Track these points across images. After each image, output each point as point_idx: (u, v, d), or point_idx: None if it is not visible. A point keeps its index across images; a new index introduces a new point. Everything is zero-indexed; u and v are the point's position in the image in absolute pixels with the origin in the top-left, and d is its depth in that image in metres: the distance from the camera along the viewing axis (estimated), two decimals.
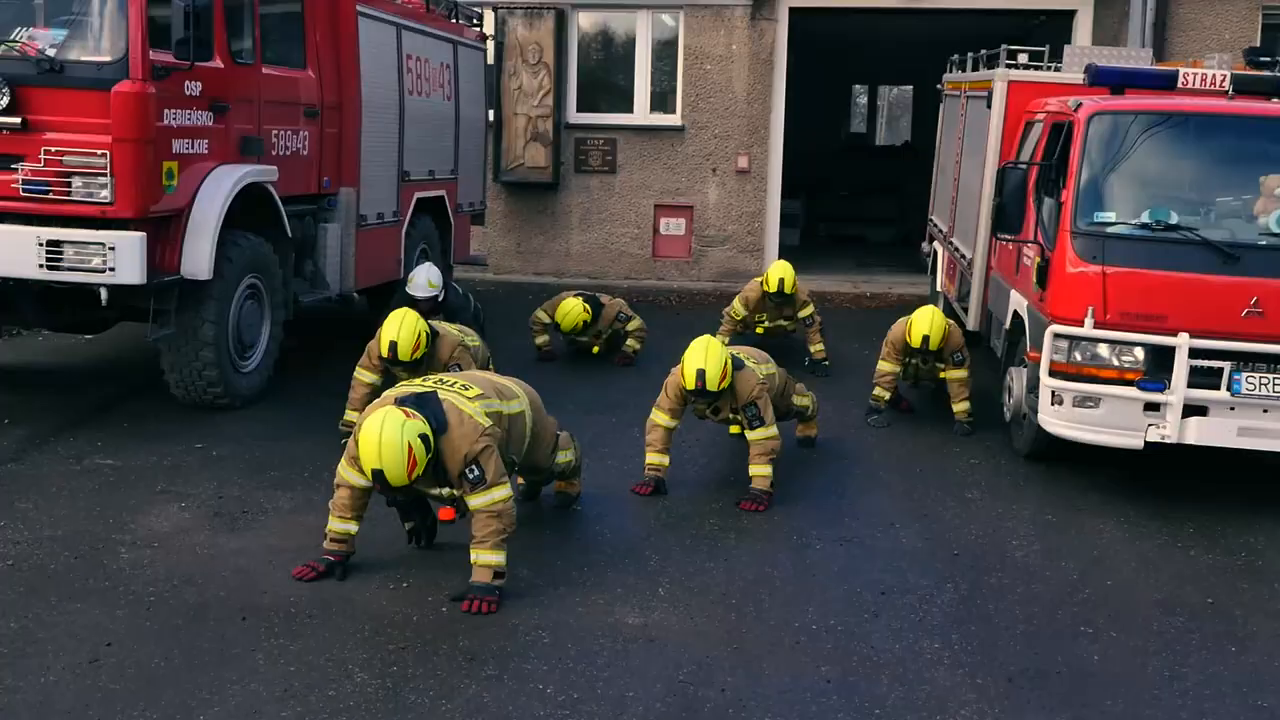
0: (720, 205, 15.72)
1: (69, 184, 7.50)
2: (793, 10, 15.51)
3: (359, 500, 5.64)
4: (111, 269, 7.47)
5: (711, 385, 6.88)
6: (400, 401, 5.40)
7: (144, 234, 7.57)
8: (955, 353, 8.75)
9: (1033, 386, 7.83)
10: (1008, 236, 7.97)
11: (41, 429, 7.89)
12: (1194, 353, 7.10)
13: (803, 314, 10.48)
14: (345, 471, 5.57)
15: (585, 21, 16.00)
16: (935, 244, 12.71)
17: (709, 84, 15.59)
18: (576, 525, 6.61)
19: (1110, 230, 7.44)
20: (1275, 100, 8.07)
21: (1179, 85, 8.19)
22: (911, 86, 25.54)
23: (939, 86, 13.39)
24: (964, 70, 13.18)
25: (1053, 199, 7.79)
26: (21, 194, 7.51)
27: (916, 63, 23.35)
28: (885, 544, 6.58)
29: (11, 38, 7.53)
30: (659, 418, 7.17)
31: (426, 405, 5.40)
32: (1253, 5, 14.81)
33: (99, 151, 7.44)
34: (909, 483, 7.68)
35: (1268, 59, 9.27)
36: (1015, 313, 8.57)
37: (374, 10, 10.33)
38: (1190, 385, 7.12)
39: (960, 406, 8.83)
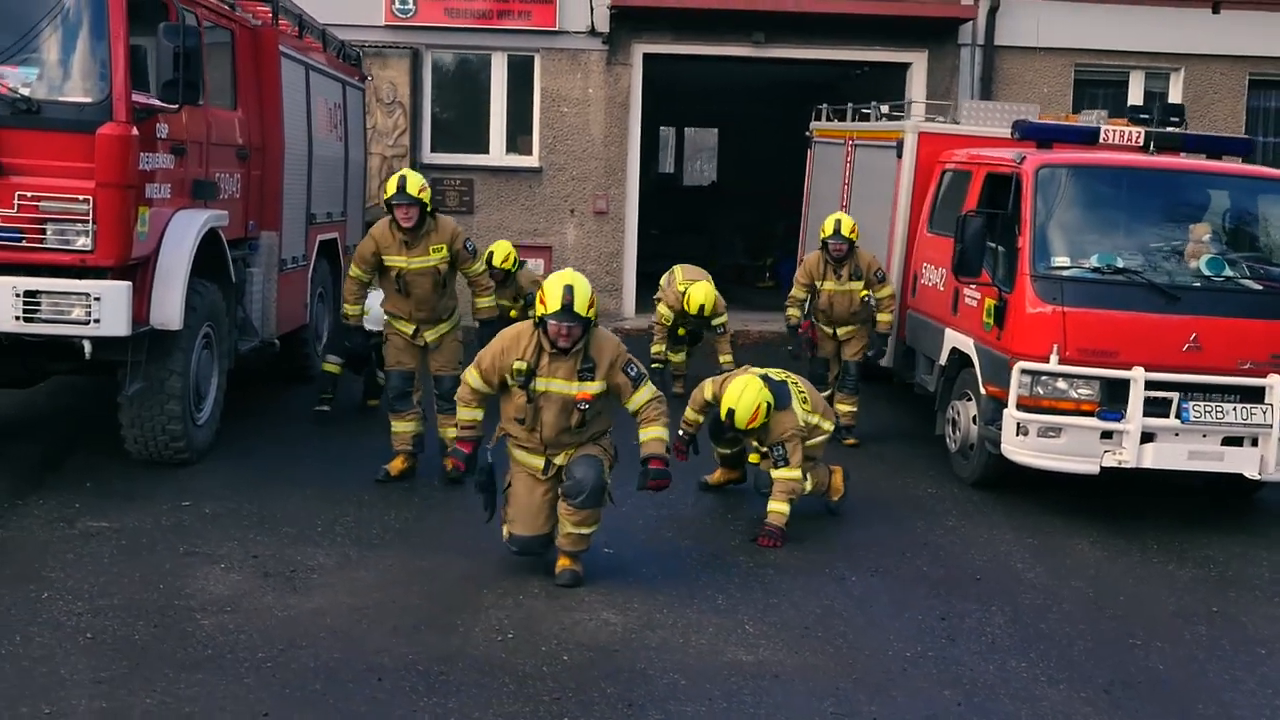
0: (579, 246, 15.93)
1: (43, 231, 7.07)
2: (646, 56, 15.93)
3: (483, 396, 6.47)
4: (96, 320, 7.06)
5: (740, 424, 7.30)
6: None
7: (129, 283, 7.21)
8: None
9: (989, 418, 8.40)
10: (970, 280, 8.52)
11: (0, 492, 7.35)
12: (1148, 384, 7.81)
13: (716, 323, 10.92)
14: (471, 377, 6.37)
15: (440, 62, 15.95)
16: None
17: (566, 126, 15.80)
18: (622, 569, 6.68)
19: (1066, 274, 8.10)
20: (1189, 156, 8.97)
21: (1100, 140, 8.97)
22: (716, 129, 26.42)
23: (807, 134, 14.01)
24: (820, 120, 13.93)
25: (1007, 245, 8.40)
26: None
27: (724, 106, 24.32)
28: (910, 572, 6.95)
29: None
30: (704, 392, 7.81)
31: None
32: (1066, 63, 16.18)
33: (80, 197, 7.04)
34: (887, 513, 8.09)
35: (1146, 115, 10.21)
36: (955, 349, 9.16)
37: (290, 50, 10.11)
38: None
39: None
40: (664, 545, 7.17)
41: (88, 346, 7.16)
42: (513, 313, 10.93)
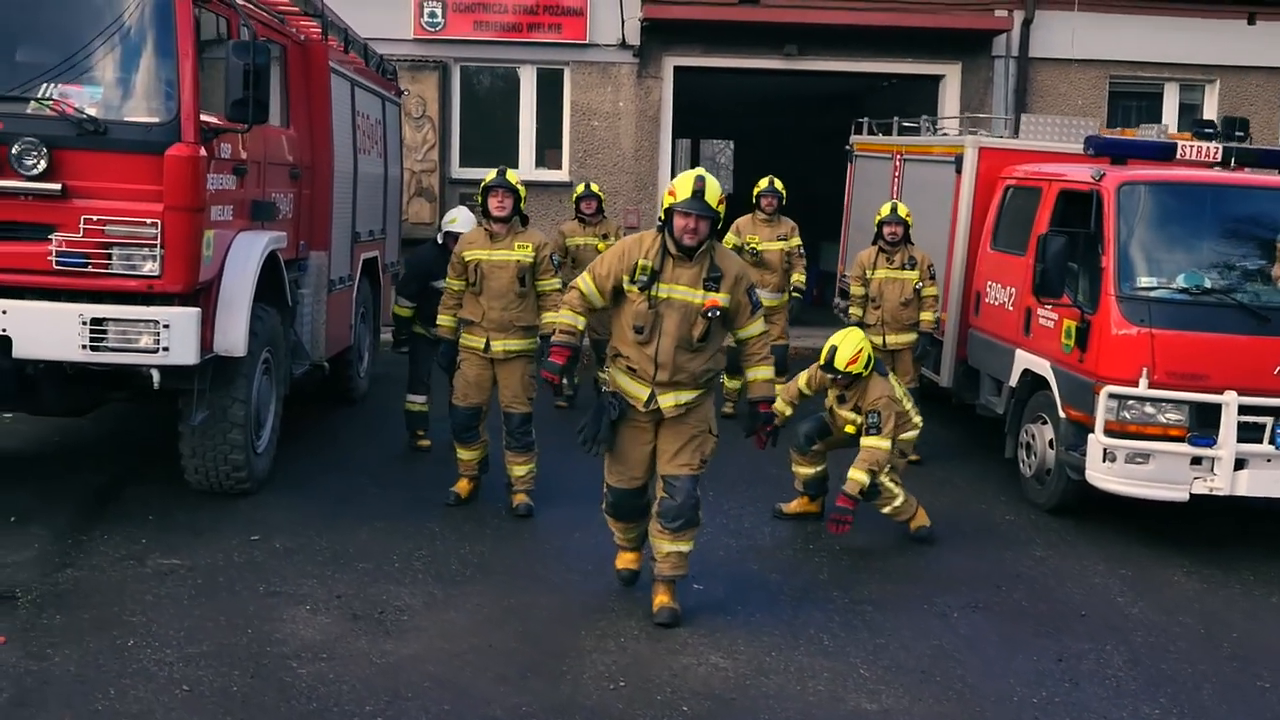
0: None
1: (109, 256, 6.79)
2: (677, 69, 15.73)
3: (589, 307, 6.14)
4: (165, 348, 6.79)
5: (840, 364, 7.49)
6: None
7: (199, 310, 6.95)
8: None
9: (1070, 443, 8.17)
10: (1051, 300, 8.28)
11: (59, 526, 7.08)
12: (1240, 409, 7.58)
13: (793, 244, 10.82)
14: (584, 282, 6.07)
15: (469, 76, 15.72)
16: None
17: (596, 140, 15.59)
18: (716, 606, 6.42)
19: (1154, 294, 7.87)
20: (1255, 171, 8.76)
21: (1177, 156, 8.75)
22: (732, 141, 26.23)
23: (847, 147, 13.79)
24: (861, 134, 13.71)
25: (1089, 265, 8.17)
26: (55, 267, 6.75)
27: (741, 118, 24.14)
28: (1011, 607, 6.71)
29: (43, 95, 6.76)
30: (799, 382, 7.89)
31: None
32: (1100, 75, 16.03)
33: (149, 220, 6.77)
34: (968, 541, 7.85)
35: (1211, 130, 10.01)
36: (1027, 371, 8.93)
37: (338, 66, 9.86)
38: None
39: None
40: (751, 578, 6.92)
41: (156, 376, 6.88)
42: (601, 246, 10.83)
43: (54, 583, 6.21)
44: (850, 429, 7.67)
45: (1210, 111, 16.17)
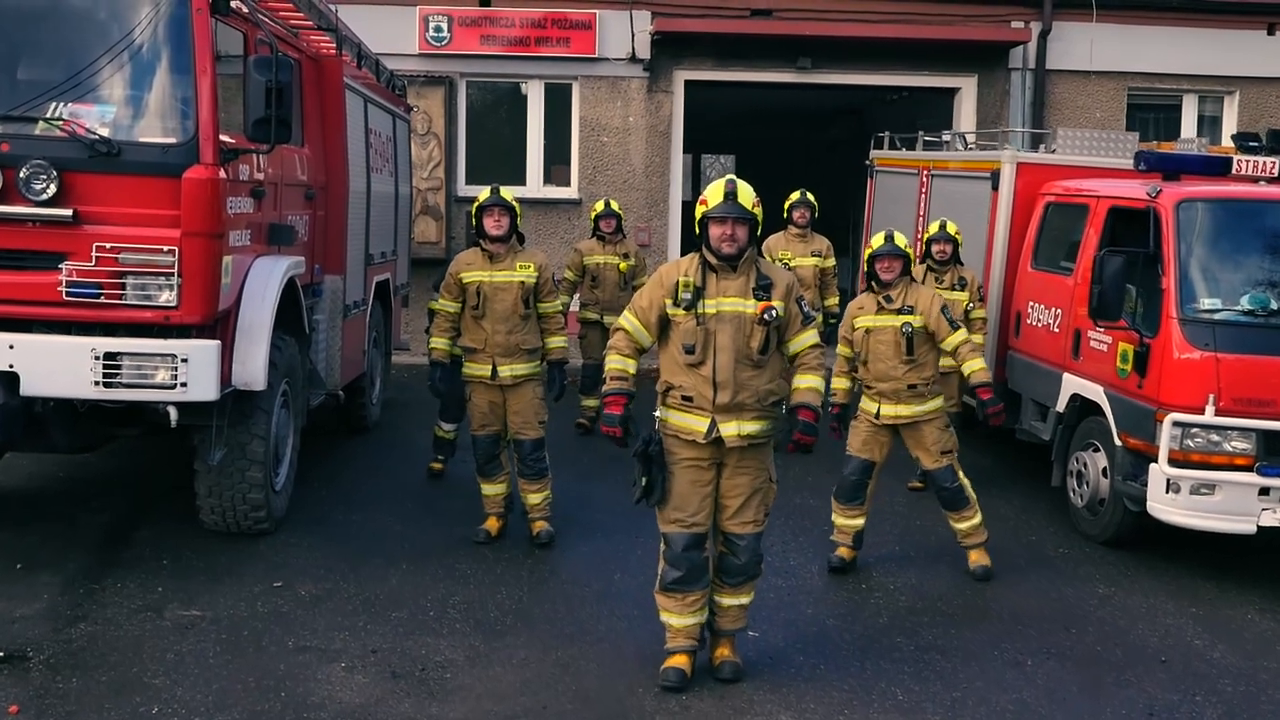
0: None
1: (123, 285, 6.37)
2: (688, 83, 15.36)
3: (637, 346, 5.64)
4: (183, 384, 6.37)
5: (900, 242, 7.29)
6: None
7: (219, 343, 6.53)
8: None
9: (1128, 473, 7.80)
10: (1107, 323, 7.91)
11: (70, 573, 6.65)
12: None
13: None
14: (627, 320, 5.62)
15: (475, 91, 15.32)
16: None
17: (606, 156, 15.19)
18: (777, 657, 6.03)
19: (1217, 317, 7.51)
20: None
21: (1233, 171, 8.40)
22: (733, 156, 25.88)
23: (867, 162, 13.41)
24: (883, 149, 13.33)
25: (1147, 286, 7.80)
26: (65, 298, 6.32)
27: (743, 131, 23.78)
28: (1085, 653, 6.32)
29: (52, 114, 6.34)
30: (839, 351, 7.49)
31: None
32: (1119, 86, 15.70)
33: (165, 248, 6.35)
34: (1025, 578, 7.47)
35: (1256, 143, 9.68)
36: (1076, 396, 8.56)
37: (352, 82, 9.45)
38: None
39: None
40: (808, 624, 6.53)
41: (174, 413, 6.45)
42: (622, 266, 10.71)
43: (67, 639, 5.78)
44: (899, 334, 7.20)
45: (1230, 123, 15.89)
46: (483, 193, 7.50)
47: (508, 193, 7.49)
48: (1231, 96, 15.99)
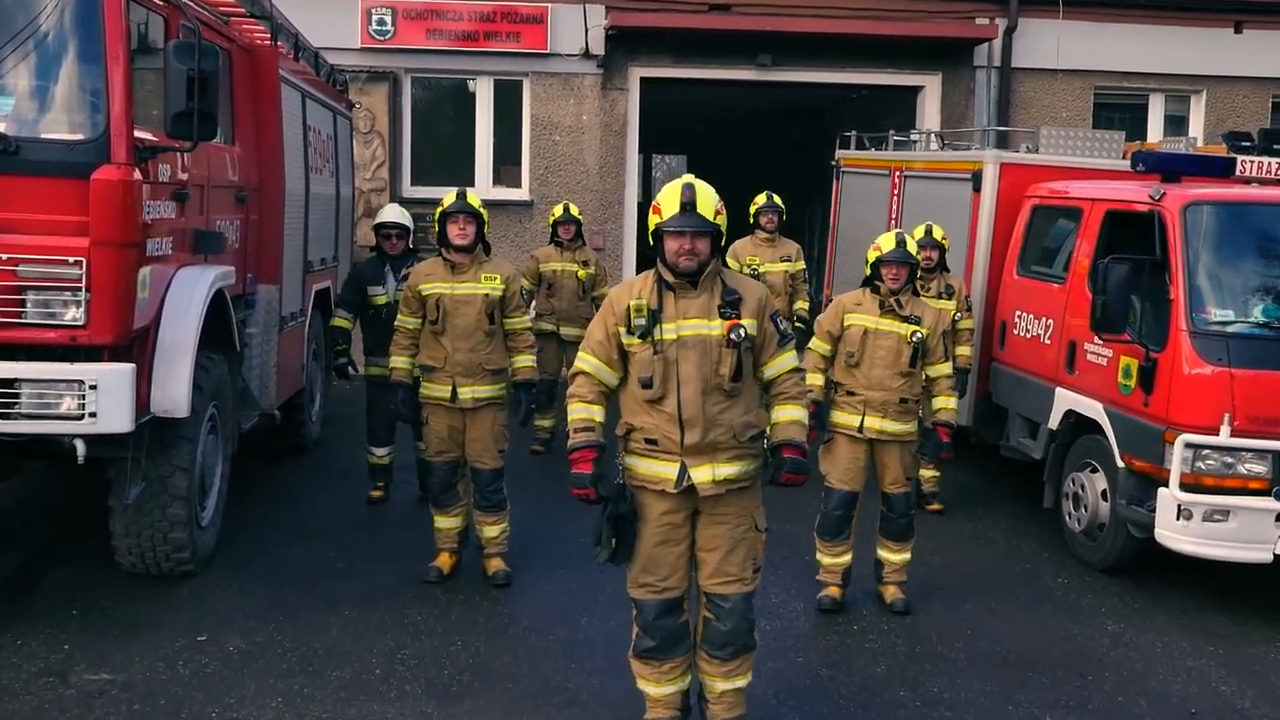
0: None
1: (22, 303, 5.60)
2: (644, 80, 14.70)
3: (602, 388, 4.79)
4: (92, 414, 5.61)
5: (913, 249, 6.67)
6: None
7: (133, 366, 5.76)
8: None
9: (1132, 497, 7.24)
10: (1110, 336, 7.33)
11: None
12: None
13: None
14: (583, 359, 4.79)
15: (421, 88, 14.56)
16: None
17: (558, 156, 14.50)
18: (771, 711, 5.36)
19: (1230, 329, 6.97)
20: None
21: (1237, 172, 7.87)
22: (684, 156, 25.29)
23: (833, 163, 12.81)
24: (849, 149, 12.75)
25: (1153, 296, 7.24)
26: None
27: (696, 131, 23.21)
28: (1108, 705, 5.73)
29: None
30: (816, 345, 6.74)
31: None
32: (1085, 85, 15.27)
33: (71, 259, 5.59)
34: (1027, 614, 6.88)
35: (1249, 143, 9.20)
36: (1071, 413, 7.99)
37: (289, 75, 8.69)
38: None
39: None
40: (801, 675, 5.88)
41: (81, 447, 5.68)
42: (580, 274, 10.17)
43: None
44: (904, 343, 6.56)
45: (1196, 123, 15.54)
46: (447, 197, 6.80)
47: (474, 197, 6.80)
48: (1199, 95, 15.62)
